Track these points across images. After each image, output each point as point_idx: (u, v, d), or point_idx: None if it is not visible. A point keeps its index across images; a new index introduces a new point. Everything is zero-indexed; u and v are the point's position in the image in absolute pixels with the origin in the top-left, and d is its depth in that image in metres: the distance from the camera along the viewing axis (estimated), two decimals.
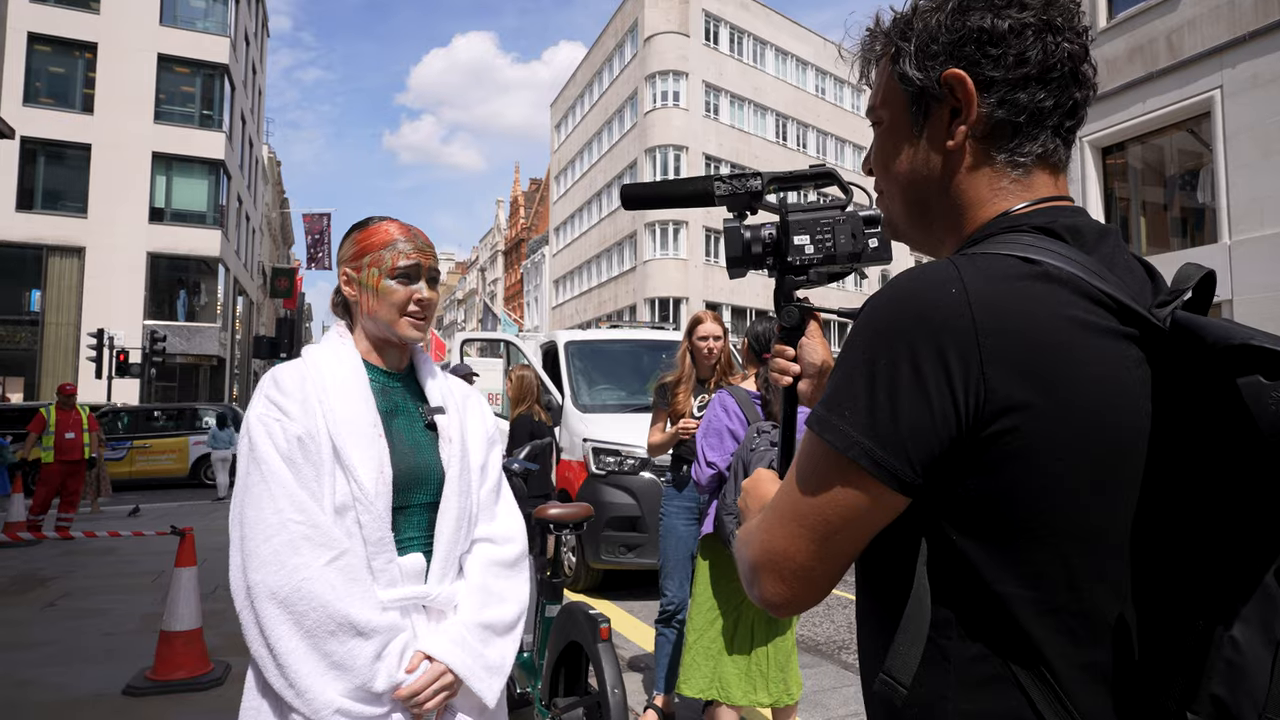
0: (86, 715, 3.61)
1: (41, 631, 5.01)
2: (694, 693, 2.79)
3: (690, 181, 1.20)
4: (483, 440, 1.56)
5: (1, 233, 23.35)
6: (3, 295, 24.02)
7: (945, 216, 0.85)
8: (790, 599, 0.77)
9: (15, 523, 8.62)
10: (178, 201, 26.47)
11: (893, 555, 0.77)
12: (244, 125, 31.79)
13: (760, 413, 2.87)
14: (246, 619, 1.26)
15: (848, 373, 0.73)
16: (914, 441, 0.70)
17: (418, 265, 1.47)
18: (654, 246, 32.22)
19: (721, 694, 2.75)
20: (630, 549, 5.87)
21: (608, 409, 6.87)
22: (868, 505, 0.72)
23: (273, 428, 1.31)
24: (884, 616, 0.78)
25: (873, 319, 0.74)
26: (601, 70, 38.15)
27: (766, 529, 0.79)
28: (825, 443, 0.73)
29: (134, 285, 25.19)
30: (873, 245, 1.13)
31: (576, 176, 41.44)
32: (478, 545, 1.51)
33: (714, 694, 2.77)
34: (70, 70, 25.23)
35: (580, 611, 2.58)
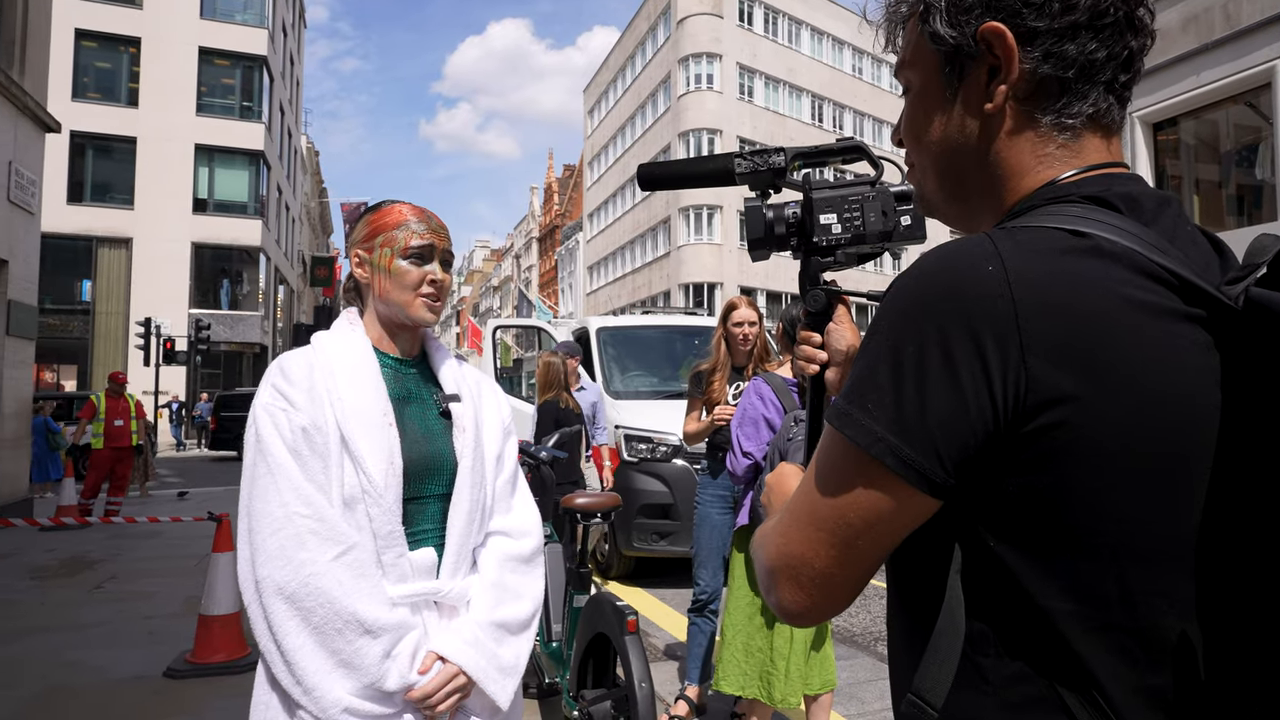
0: (127, 696, 3.69)
1: (88, 613, 5.15)
2: (733, 690, 2.73)
3: (709, 160, 1.13)
4: (498, 429, 1.51)
5: (54, 225, 23.86)
6: (56, 286, 24.71)
7: (983, 188, 0.77)
8: (809, 607, 0.71)
9: (66, 506, 8.89)
10: (220, 192, 26.99)
11: (922, 561, 0.70)
12: (282, 116, 32.23)
13: (797, 400, 2.80)
14: (255, 614, 1.23)
15: (870, 361, 0.66)
16: (945, 438, 0.62)
17: (431, 246, 1.42)
18: (688, 231, 32.01)
19: (762, 692, 2.69)
20: (662, 536, 5.83)
21: (640, 395, 6.82)
22: (893, 508, 0.65)
23: (278, 418, 1.28)
24: (913, 627, 0.71)
25: (898, 301, 0.66)
26: (634, 54, 37.86)
27: (783, 531, 0.72)
28: (846, 439, 0.66)
29: (179, 275, 25.78)
30: (905, 223, 1.05)
31: (610, 162, 41.29)
32: (492, 539, 1.47)
33: (754, 692, 2.70)
34: (116, 65, 25.79)
35: (608, 603, 2.54)
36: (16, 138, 8.99)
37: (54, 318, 24.85)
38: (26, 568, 6.60)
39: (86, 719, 3.45)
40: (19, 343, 9.28)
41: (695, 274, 31.47)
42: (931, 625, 0.67)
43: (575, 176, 54.44)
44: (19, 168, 9.02)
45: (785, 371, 2.93)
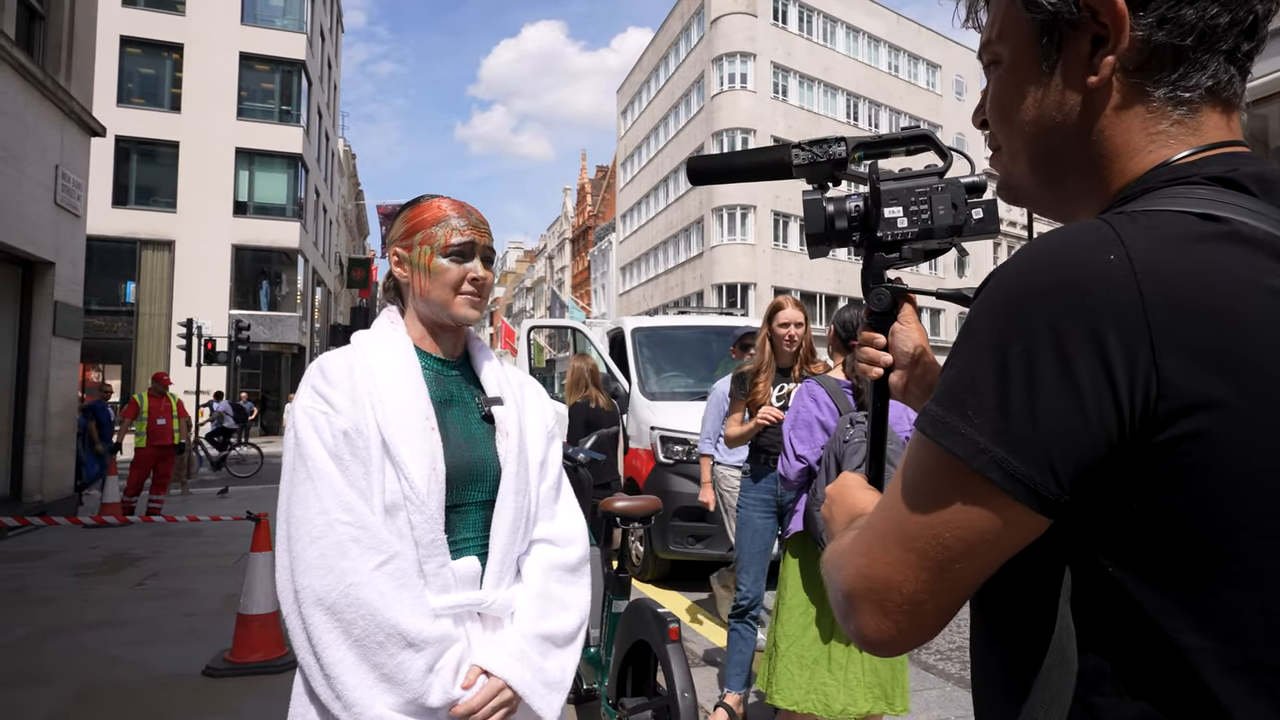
0: (166, 694, 3.70)
1: (129, 610, 5.21)
2: (788, 704, 2.62)
3: (764, 151, 1.05)
4: (542, 433, 1.45)
5: (99, 228, 24.51)
6: (101, 287, 25.37)
7: (1084, 172, 0.69)
8: (894, 636, 0.63)
9: (110, 504, 9.07)
10: (259, 195, 27.48)
11: (1025, 587, 0.62)
12: (320, 120, 32.73)
13: (852, 402, 2.71)
14: (293, 624, 1.18)
15: (971, 362, 0.59)
16: (1060, 449, 0.55)
17: (472, 243, 1.36)
18: (721, 232, 31.84)
19: (821, 706, 2.58)
20: (699, 539, 5.74)
21: (675, 397, 6.74)
22: (997, 528, 0.58)
23: (319, 421, 1.22)
24: (1012, 662, 0.63)
25: (1001, 295, 0.59)
26: (668, 54, 37.79)
27: (865, 551, 0.64)
28: (942, 450, 0.58)
29: (220, 276, 26.29)
30: (976, 217, 0.96)
31: (643, 162, 41.27)
32: (537, 547, 1.40)
33: (811, 706, 2.60)
34: (159, 70, 26.38)
35: (648, 609, 2.46)
36: (63, 142, 9.19)
37: (99, 318, 25.49)
38: (70, 565, 6.72)
39: (125, 716, 3.47)
40: (65, 343, 9.48)
41: (729, 274, 31.30)
42: (1036, 660, 0.60)
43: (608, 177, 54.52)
44: (65, 171, 9.22)
45: (837, 374, 2.83)
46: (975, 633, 0.71)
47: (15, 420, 8.79)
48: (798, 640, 2.62)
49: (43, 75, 8.52)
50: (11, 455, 8.77)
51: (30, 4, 8.74)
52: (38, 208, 8.64)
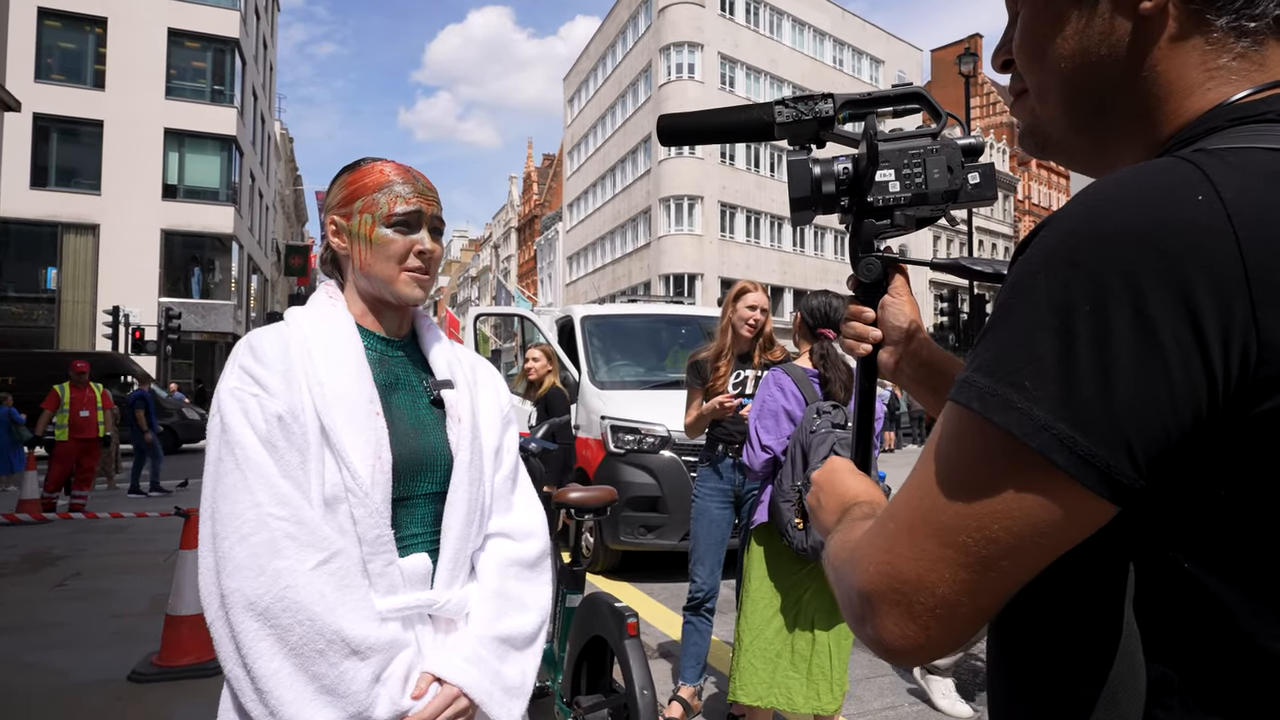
0: (89, 702, 3.47)
1: (49, 612, 4.90)
2: (752, 700, 2.57)
3: (743, 110, 0.97)
4: (497, 419, 1.34)
5: (16, 210, 23.29)
6: (20, 273, 24.08)
7: (1129, 114, 0.61)
8: (922, 643, 0.54)
9: (29, 500, 8.57)
10: (190, 178, 26.37)
11: (1075, 588, 0.54)
12: (255, 101, 31.54)
13: (819, 391, 2.67)
14: (219, 632, 1.06)
15: (1025, 325, 0.50)
16: (1138, 425, 0.47)
17: (419, 211, 1.23)
18: (669, 222, 31.83)
19: (784, 701, 2.54)
20: (650, 530, 5.68)
21: (626, 385, 6.66)
22: (1056, 519, 0.49)
23: (249, 404, 1.10)
24: (1059, 680, 0.55)
25: (1063, 244, 0.50)
26: (615, 43, 37.52)
27: (889, 546, 0.56)
28: (991, 426, 0.50)
29: (148, 262, 25.17)
30: (973, 182, 0.90)
31: (590, 151, 40.96)
32: (492, 541, 1.30)
33: (774, 700, 2.55)
34: (81, 45, 25.04)
35: (605, 604, 2.38)
36: None
37: (17, 306, 24.22)
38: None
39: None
40: None
41: (676, 264, 31.33)
42: (1097, 672, 0.52)
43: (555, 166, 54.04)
44: None
45: (803, 362, 2.79)
46: (1001, 643, 0.62)
47: None
48: (761, 633, 2.58)
49: None
50: None
51: None
52: None
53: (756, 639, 2.58)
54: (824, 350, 2.71)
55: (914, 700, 3.57)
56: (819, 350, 2.72)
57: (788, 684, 2.54)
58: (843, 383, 2.65)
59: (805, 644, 2.57)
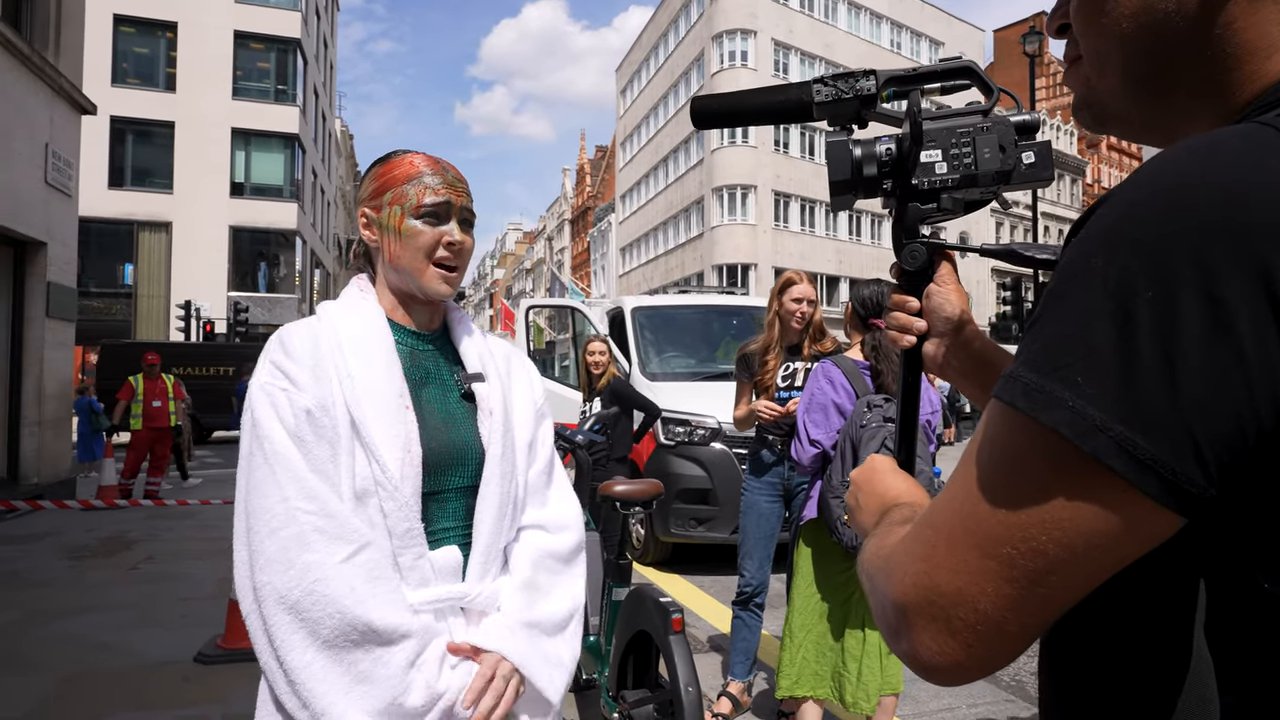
0: (157, 681, 3.62)
1: (123, 594, 5.13)
2: (805, 691, 2.54)
3: (780, 90, 0.92)
4: (530, 412, 1.32)
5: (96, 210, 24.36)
6: (100, 269, 25.22)
7: (1199, 78, 0.54)
8: (962, 661, 0.49)
9: (107, 486, 8.98)
10: (256, 176, 27.23)
11: (1138, 608, 0.49)
12: (316, 99, 32.37)
13: (870, 384, 2.59)
14: (254, 625, 1.06)
15: (1077, 314, 0.45)
16: (1209, 426, 0.41)
17: (448, 203, 1.22)
18: (722, 212, 31.59)
19: (834, 693, 2.50)
20: (701, 522, 5.65)
21: (677, 377, 6.63)
22: (1114, 531, 0.44)
23: (278, 399, 1.10)
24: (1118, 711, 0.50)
25: (1123, 223, 0.45)
26: (668, 31, 37.30)
27: (927, 555, 0.51)
28: (1041, 427, 0.45)
29: (217, 258, 26.11)
30: (1027, 161, 0.83)
31: (642, 142, 40.88)
32: (527, 533, 1.29)
33: (826, 693, 2.52)
34: (153, 50, 26.04)
35: (650, 598, 2.36)
36: (53, 120, 9.02)
37: (98, 300, 25.35)
38: (65, 548, 6.64)
39: (115, 703, 3.39)
40: (59, 324, 9.36)
41: (729, 255, 31.09)
42: (1162, 703, 0.46)
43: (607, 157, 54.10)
44: (56, 150, 9.05)
45: (854, 354, 2.72)
46: (1053, 664, 0.56)
47: (10, 403, 8.69)
48: (811, 630, 2.54)
49: (30, 51, 8.33)
50: (8, 438, 8.68)
51: None
52: (28, 187, 8.49)
53: (807, 635, 2.54)
54: (876, 341, 2.62)
55: (972, 701, 3.46)
56: (870, 341, 2.64)
57: (839, 678, 2.49)
58: (896, 374, 2.57)
59: (856, 643, 2.52)
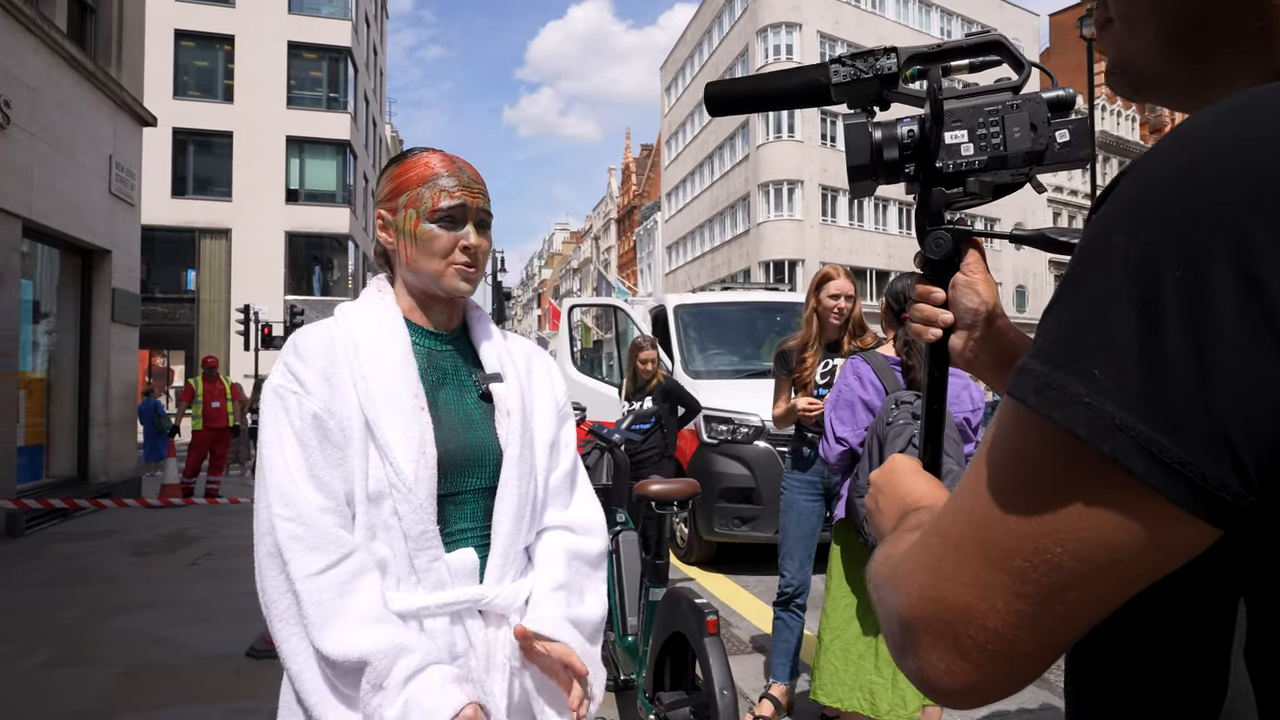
0: (209, 675, 3.72)
1: (182, 590, 5.30)
2: (832, 701, 2.47)
3: (796, 72, 0.87)
4: (551, 413, 1.30)
5: (160, 218, 25.30)
6: (164, 276, 26.19)
7: (1240, 34, 0.49)
8: (973, 683, 0.45)
9: (170, 485, 9.31)
10: (310, 182, 27.95)
11: (1169, 630, 0.44)
12: (367, 106, 33.07)
13: (900, 380, 2.51)
14: (270, 628, 1.08)
15: (1095, 298, 0.40)
16: (1247, 423, 0.36)
17: (464, 206, 1.20)
18: (768, 208, 31.28)
19: (866, 705, 2.42)
20: (744, 521, 5.58)
21: (720, 375, 6.57)
22: (1137, 543, 0.39)
23: (289, 402, 1.10)
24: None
25: (1147, 195, 0.40)
26: (711, 28, 37.10)
27: (934, 566, 0.46)
28: (1053, 426, 0.40)
29: (274, 263, 26.88)
30: (1061, 140, 0.76)
31: (687, 140, 40.75)
32: (553, 533, 1.27)
33: (856, 704, 2.44)
34: (212, 62, 26.93)
35: (686, 600, 2.32)
36: (115, 132, 9.37)
37: (163, 306, 26.31)
38: (130, 545, 6.90)
39: (171, 696, 3.49)
40: (123, 329, 9.73)
41: (776, 251, 30.77)
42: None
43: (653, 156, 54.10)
44: (119, 161, 9.41)
45: (886, 350, 2.64)
46: (1079, 684, 0.51)
47: (79, 405, 9.06)
48: (842, 634, 2.47)
49: (94, 67, 8.67)
50: (77, 439, 9.06)
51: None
52: (93, 197, 8.84)
53: (837, 639, 2.47)
54: (909, 336, 2.54)
55: (1020, 709, 3.34)
56: (903, 336, 2.55)
57: (871, 687, 2.41)
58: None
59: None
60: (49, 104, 7.80)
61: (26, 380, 8.06)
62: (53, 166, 7.92)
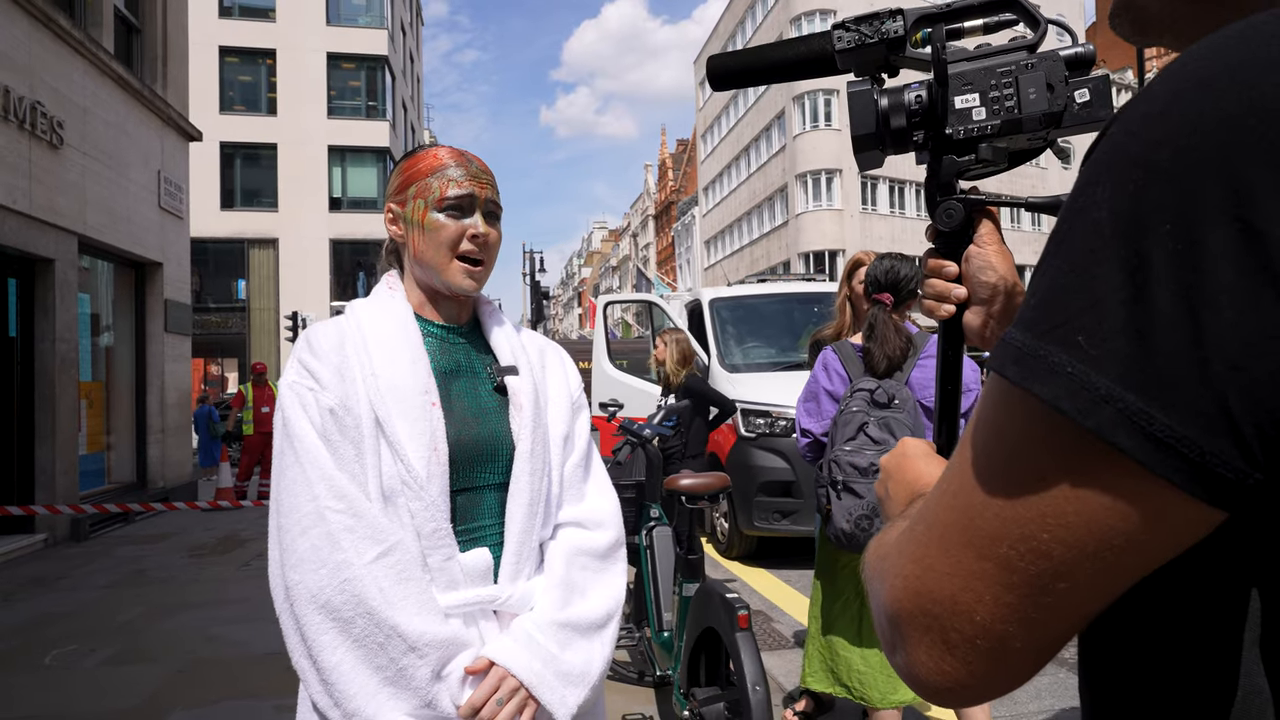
0: (260, 671, 3.82)
1: (235, 589, 5.45)
2: (821, 688, 2.47)
3: (801, 41, 0.84)
4: (565, 405, 1.29)
5: (211, 230, 26.10)
6: (216, 286, 27.00)
7: None
8: (963, 681, 0.42)
9: (224, 489, 9.59)
10: (352, 190, 28.51)
11: (1171, 621, 0.41)
12: (405, 113, 33.59)
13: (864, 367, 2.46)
14: (287, 625, 1.08)
15: (1077, 258, 0.37)
16: (1249, 390, 0.33)
17: (471, 195, 1.20)
18: (806, 198, 30.93)
19: (857, 694, 2.38)
20: (785, 515, 5.52)
21: (757, 368, 6.51)
22: (1129, 527, 0.36)
23: (305, 398, 1.11)
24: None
25: (1131, 140, 0.37)
26: (744, 18, 36.79)
27: (919, 556, 0.44)
28: (1035, 400, 0.37)
29: (320, 270, 27.50)
30: (1081, 100, 0.72)
31: (723, 133, 40.51)
32: (563, 530, 1.26)
33: (841, 693, 2.42)
34: (255, 76, 27.63)
35: (717, 595, 2.30)
36: (163, 148, 9.67)
37: (215, 315, 27.12)
38: (186, 546, 7.12)
39: (222, 693, 3.59)
40: (176, 339, 10.04)
41: (815, 242, 30.42)
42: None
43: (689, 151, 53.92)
44: (167, 176, 9.71)
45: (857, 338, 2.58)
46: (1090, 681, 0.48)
47: (136, 413, 9.38)
48: (835, 623, 2.46)
49: (140, 85, 8.95)
50: (135, 446, 9.38)
51: (127, 19, 9.18)
52: (144, 211, 9.13)
53: (828, 629, 2.46)
54: (872, 318, 2.44)
55: (1071, 702, 3.24)
56: (869, 319, 2.47)
57: (860, 676, 2.37)
58: (886, 355, 2.36)
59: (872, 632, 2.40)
60: (99, 123, 8.08)
61: (86, 390, 8.37)
62: (105, 183, 8.21)
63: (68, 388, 7.55)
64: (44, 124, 7.04)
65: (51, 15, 7.08)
